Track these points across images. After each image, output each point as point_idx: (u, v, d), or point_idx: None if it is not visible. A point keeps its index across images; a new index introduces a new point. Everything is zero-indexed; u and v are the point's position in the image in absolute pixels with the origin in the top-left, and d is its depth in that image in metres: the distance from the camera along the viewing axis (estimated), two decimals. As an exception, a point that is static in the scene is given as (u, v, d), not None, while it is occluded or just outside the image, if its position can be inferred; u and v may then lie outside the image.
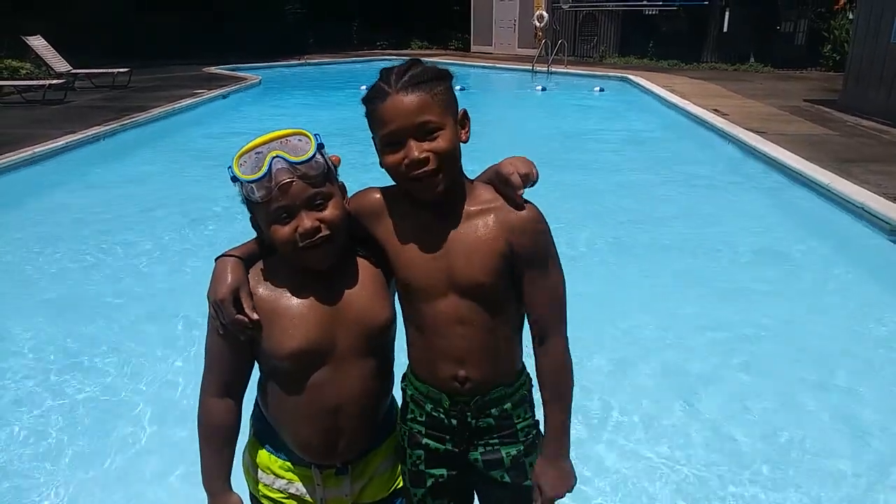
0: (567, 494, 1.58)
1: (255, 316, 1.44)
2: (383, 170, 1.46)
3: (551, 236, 1.52)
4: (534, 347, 1.57)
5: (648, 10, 20.14)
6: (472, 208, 1.50)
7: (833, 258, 5.53)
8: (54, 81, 12.79)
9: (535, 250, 1.50)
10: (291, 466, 1.58)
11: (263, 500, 1.62)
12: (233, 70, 17.51)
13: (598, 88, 14.93)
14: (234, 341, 1.46)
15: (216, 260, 1.49)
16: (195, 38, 20.23)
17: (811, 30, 18.58)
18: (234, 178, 1.41)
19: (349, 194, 1.56)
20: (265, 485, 1.61)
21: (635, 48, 19.83)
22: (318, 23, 23.77)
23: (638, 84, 14.69)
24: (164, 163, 8.75)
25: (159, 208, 6.65)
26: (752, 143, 8.55)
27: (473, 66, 19.26)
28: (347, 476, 1.58)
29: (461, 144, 1.47)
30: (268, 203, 1.39)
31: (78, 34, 16.46)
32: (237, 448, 1.60)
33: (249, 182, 1.38)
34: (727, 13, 18.85)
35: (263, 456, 1.60)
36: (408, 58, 1.52)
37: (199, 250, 5.52)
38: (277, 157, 1.38)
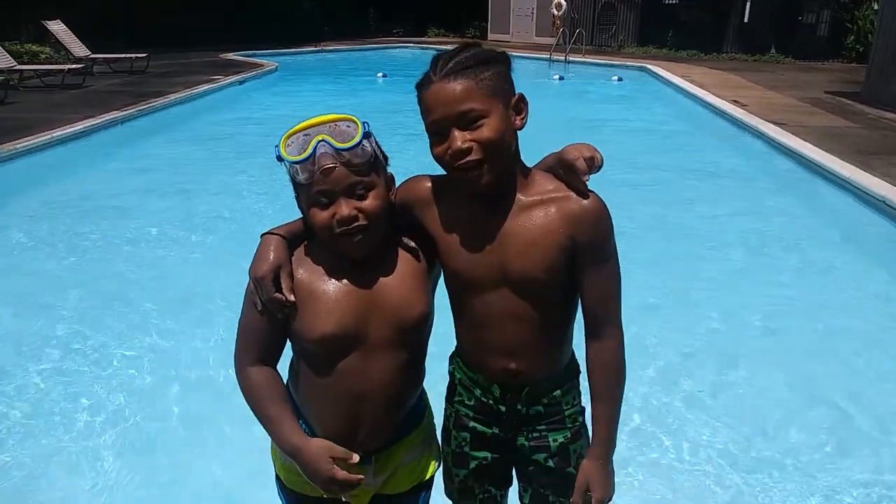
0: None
1: (293, 297, 1.43)
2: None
3: (612, 230, 1.45)
4: (586, 340, 1.52)
5: (668, 0, 19.90)
6: (530, 198, 1.44)
7: (853, 251, 5.48)
8: (73, 66, 12.87)
9: (598, 243, 1.43)
10: None
11: (290, 485, 1.63)
12: (249, 56, 17.51)
13: (616, 78, 14.81)
14: (272, 317, 1.46)
15: (261, 236, 1.49)
16: (213, 25, 20.24)
17: (834, 20, 18.30)
18: (280, 158, 1.41)
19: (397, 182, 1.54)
20: (291, 468, 1.60)
21: (654, 38, 19.62)
22: (335, 10, 23.70)
23: (657, 74, 14.55)
24: (181, 148, 8.79)
25: (176, 193, 6.69)
26: (772, 135, 8.45)
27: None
28: (371, 466, 1.57)
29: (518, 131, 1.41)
30: (310, 186, 1.39)
31: (97, 20, 16.53)
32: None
33: (293, 163, 1.38)
34: (748, 3, 18.59)
35: None
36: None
37: (216, 235, 5.56)
38: (323, 140, 1.37)
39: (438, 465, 1.73)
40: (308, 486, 1.57)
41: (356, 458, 1.43)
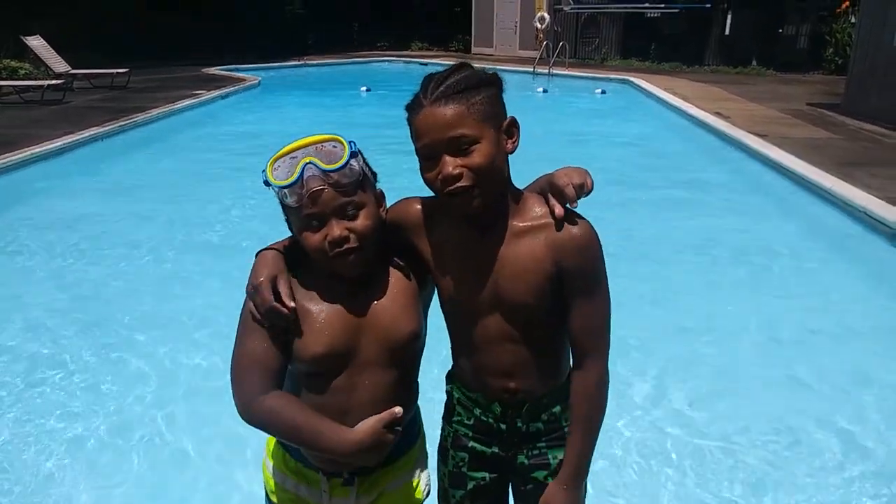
0: None
1: (292, 304, 1.40)
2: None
3: (602, 257, 1.44)
4: (572, 366, 1.52)
5: (650, 13, 20.10)
6: (520, 224, 1.43)
7: (835, 262, 5.49)
8: (53, 82, 12.77)
9: (584, 272, 1.42)
10: (301, 468, 1.55)
11: (273, 498, 1.62)
12: (232, 71, 17.47)
13: (599, 91, 14.89)
14: (274, 337, 1.42)
15: (256, 254, 1.48)
16: (194, 40, 20.20)
17: (814, 33, 18.54)
18: (267, 183, 1.38)
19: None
20: (277, 483, 1.60)
21: (637, 51, 19.79)
22: (319, 23, 23.74)
23: (639, 86, 14.65)
24: (163, 164, 8.71)
25: (158, 209, 6.61)
26: (755, 147, 8.51)
27: (474, 68, 19.15)
28: (353, 488, 1.54)
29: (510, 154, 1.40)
30: (299, 209, 1.38)
31: (76, 35, 16.43)
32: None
33: (281, 188, 1.37)
34: (729, 16, 18.82)
35: (279, 454, 1.59)
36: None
37: (200, 252, 5.50)
38: (310, 163, 1.35)
39: (427, 493, 1.68)
40: (291, 502, 1.56)
41: (399, 409, 1.37)
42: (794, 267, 5.28)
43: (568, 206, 1.41)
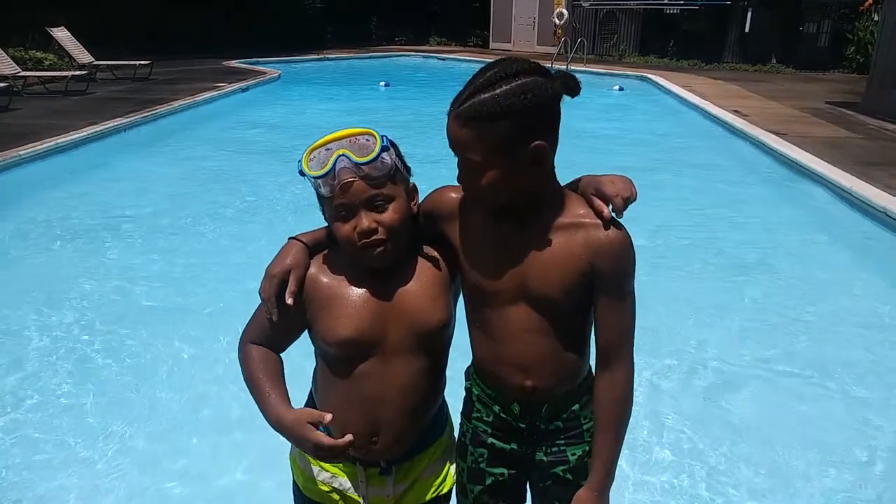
0: None
1: (290, 301, 1.46)
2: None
3: (634, 263, 1.45)
4: (597, 369, 1.52)
5: (669, 10, 20.00)
6: (561, 220, 1.43)
7: (854, 262, 5.48)
8: (77, 73, 12.93)
9: (618, 275, 1.43)
10: None
11: (306, 493, 1.65)
12: (252, 64, 17.58)
13: (617, 87, 14.85)
14: (283, 310, 1.48)
15: (288, 240, 1.54)
16: (216, 33, 20.33)
17: (835, 31, 18.37)
18: (302, 173, 1.44)
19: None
20: (310, 476, 1.63)
21: (655, 47, 19.70)
22: (337, 18, 23.80)
23: (657, 83, 14.60)
24: (185, 155, 8.81)
25: (180, 200, 6.71)
26: (773, 145, 8.48)
27: (492, 64, 19.11)
28: (391, 476, 1.59)
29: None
30: (331, 199, 1.43)
31: (100, 27, 16.62)
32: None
33: (314, 178, 1.42)
34: (749, 13, 18.67)
35: None
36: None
37: (220, 243, 5.58)
38: (343, 155, 1.40)
39: (454, 484, 1.73)
40: (324, 494, 1.59)
41: (328, 417, 1.43)
42: (810, 267, 5.28)
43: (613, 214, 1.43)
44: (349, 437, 1.43)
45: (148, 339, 4.00)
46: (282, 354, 1.59)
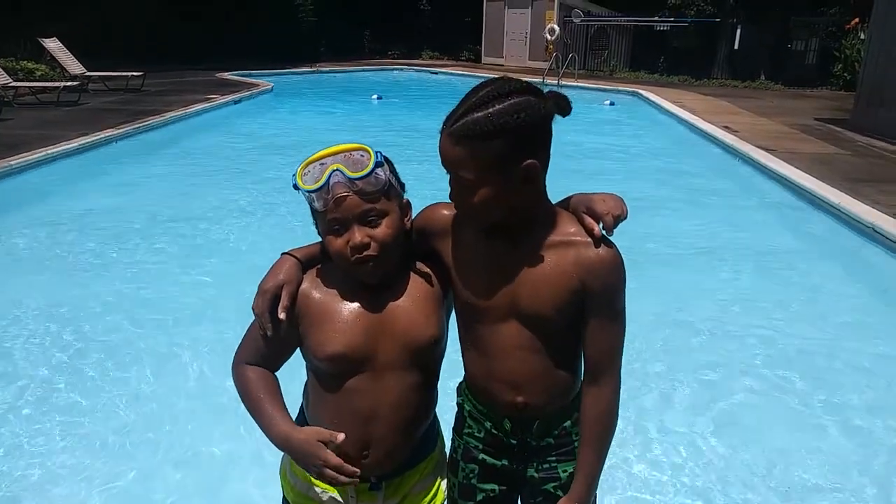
0: None
1: (283, 315, 1.46)
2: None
3: (625, 281, 1.45)
4: (584, 384, 1.53)
5: (660, 26, 20.24)
6: (552, 238, 1.44)
7: (842, 278, 5.52)
8: (68, 83, 12.91)
9: (608, 294, 1.44)
10: None
11: None
12: (245, 76, 17.63)
13: (608, 102, 14.97)
14: (276, 325, 1.49)
15: (281, 255, 1.54)
16: (208, 45, 20.39)
17: (822, 49, 18.63)
18: (296, 187, 1.45)
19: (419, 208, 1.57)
20: (299, 492, 1.62)
21: (646, 63, 19.92)
22: (330, 31, 23.92)
23: (648, 99, 14.73)
24: (176, 167, 8.79)
25: (171, 212, 6.68)
26: (762, 161, 8.55)
27: (484, 78, 19.23)
28: (381, 492, 1.58)
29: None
30: (325, 213, 1.44)
31: (92, 38, 16.63)
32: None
33: (308, 192, 1.43)
34: (738, 30, 18.90)
35: None
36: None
37: (210, 256, 5.55)
38: (337, 170, 1.41)
39: (445, 500, 1.72)
40: None
41: (341, 437, 1.43)
42: (800, 282, 5.31)
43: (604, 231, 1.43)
44: (354, 469, 1.44)
45: (137, 349, 3.96)
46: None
